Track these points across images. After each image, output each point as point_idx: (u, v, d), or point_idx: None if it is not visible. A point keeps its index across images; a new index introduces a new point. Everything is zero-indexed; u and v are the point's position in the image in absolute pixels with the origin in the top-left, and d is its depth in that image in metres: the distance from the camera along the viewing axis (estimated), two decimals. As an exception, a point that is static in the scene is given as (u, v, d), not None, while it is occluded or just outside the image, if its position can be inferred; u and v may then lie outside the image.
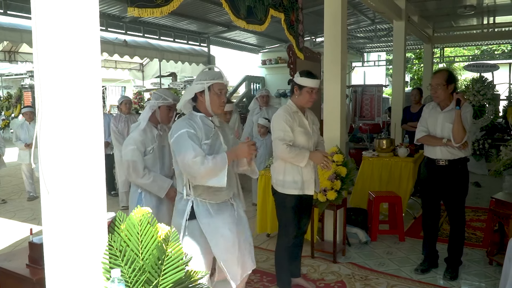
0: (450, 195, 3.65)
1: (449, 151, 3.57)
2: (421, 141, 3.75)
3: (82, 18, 1.37)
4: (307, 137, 3.16)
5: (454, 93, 3.51)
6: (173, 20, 8.91)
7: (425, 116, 3.74)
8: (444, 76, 3.55)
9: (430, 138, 3.66)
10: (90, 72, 1.40)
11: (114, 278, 1.43)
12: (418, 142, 3.82)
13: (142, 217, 1.62)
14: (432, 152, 3.69)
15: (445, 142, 3.53)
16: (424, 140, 3.71)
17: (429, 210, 3.83)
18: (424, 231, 3.95)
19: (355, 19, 9.87)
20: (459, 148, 3.51)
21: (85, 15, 1.38)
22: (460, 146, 3.48)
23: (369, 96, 11.71)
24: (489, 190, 6.15)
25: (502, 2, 8.27)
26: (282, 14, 3.85)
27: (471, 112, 3.57)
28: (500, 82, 11.17)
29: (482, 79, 8.79)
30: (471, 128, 3.54)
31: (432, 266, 3.88)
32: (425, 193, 3.85)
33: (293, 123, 3.11)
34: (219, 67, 2.53)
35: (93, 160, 1.43)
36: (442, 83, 3.53)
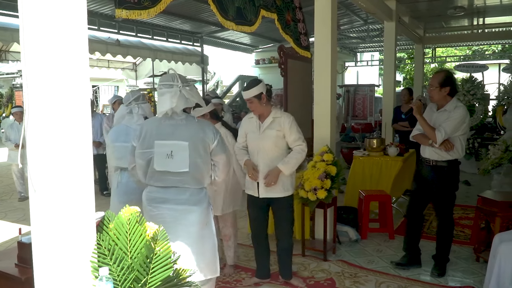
0: (436, 195, 3.71)
1: (435, 152, 3.62)
2: (414, 139, 3.83)
3: (69, 17, 1.40)
4: (256, 142, 3.40)
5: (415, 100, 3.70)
6: (166, 20, 8.90)
7: (425, 115, 3.80)
8: (438, 78, 3.61)
9: (420, 136, 3.72)
10: (78, 71, 1.43)
11: (102, 277, 1.46)
12: (411, 139, 3.90)
13: (131, 216, 1.65)
14: (422, 151, 3.77)
15: (430, 143, 3.59)
16: (416, 138, 3.78)
17: (412, 207, 3.89)
18: (406, 227, 4.01)
19: (348, 19, 9.92)
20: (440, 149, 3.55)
21: (73, 14, 1.41)
22: (441, 148, 3.52)
23: (361, 95, 11.81)
24: (479, 189, 6.22)
25: (491, 4, 8.36)
26: (275, 14, 3.88)
27: (460, 117, 3.53)
28: (489, 82, 11.28)
29: (472, 79, 8.89)
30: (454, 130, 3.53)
31: (413, 263, 3.91)
32: (413, 190, 3.92)
33: (247, 128, 3.46)
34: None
35: (81, 159, 1.45)
36: (435, 85, 3.60)
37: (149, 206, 2.61)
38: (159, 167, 2.55)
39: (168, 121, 2.60)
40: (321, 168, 4.06)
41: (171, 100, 2.53)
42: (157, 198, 2.59)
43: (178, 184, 2.58)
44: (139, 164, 2.66)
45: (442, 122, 3.55)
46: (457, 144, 3.58)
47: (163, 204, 2.58)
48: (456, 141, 3.57)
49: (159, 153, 2.54)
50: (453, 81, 3.65)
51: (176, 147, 2.54)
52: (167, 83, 2.58)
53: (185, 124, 2.60)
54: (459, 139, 3.58)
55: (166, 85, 2.58)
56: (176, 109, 2.58)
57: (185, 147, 2.54)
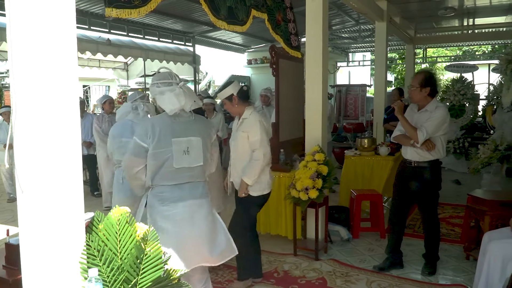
0: (420, 196, 3.72)
1: (417, 153, 3.63)
2: (396, 140, 3.84)
3: (57, 16, 1.38)
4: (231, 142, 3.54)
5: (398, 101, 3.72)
6: (158, 19, 8.87)
7: (406, 115, 3.82)
8: (419, 79, 3.64)
9: (402, 137, 3.74)
10: (66, 70, 1.42)
11: (91, 278, 1.45)
12: (393, 140, 3.92)
13: (121, 216, 1.64)
14: (404, 152, 3.78)
15: (412, 143, 3.60)
16: (398, 139, 3.80)
17: (395, 209, 3.90)
18: (390, 230, 4.02)
19: (340, 19, 9.96)
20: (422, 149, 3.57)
21: (61, 12, 1.39)
22: (423, 147, 3.54)
23: (353, 95, 11.86)
24: (469, 188, 6.27)
25: (481, 4, 8.44)
26: (265, 14, 3.88)
27: (441, 117, 3.56)
28: (479, 82, 11.39)
29: (462, 79, 8.96)
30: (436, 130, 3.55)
31: (395, 265, 3.90)
32: (394, 191, 3.93)
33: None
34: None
35: (69, 160, 1.44)
36: (416, 86, 3.63)
37: (163, 206, 2.55)
38: (178, 164, 2.55)
39: (179, 118, 2.61)
40: (312, 168, 4.07)
41: (178, 98, 2.54)
42: (173, 197, 2.57)
43: (191, 179, 2.63)
44: (151, 165, 2.54)
45: (423, 122, 3.57)
46: (438, 144, 3.60)
47: (180, 201, 2.57)
48: (437, 141, 3.59)
49: (177, 150, 2.55)
50: (433, 82, 3.67)
51: (191, 143, 2.60)
52: (165, 81, 2.59)
53: (194, 120, 2.67)
54: (440, 139, 3.60)
55: (164, 83, 2.58)
56: (185, 107, 2.59)
57: (198, 142, 2.63)
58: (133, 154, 2.56)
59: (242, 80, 13.78)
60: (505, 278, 2.90)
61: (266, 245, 4.54)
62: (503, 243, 2.97)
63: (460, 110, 8.73)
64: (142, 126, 2.61)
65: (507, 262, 2.89)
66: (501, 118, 6.33)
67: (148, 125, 2.57)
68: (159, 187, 2.58)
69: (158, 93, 2.59)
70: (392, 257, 3.91)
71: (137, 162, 2.56)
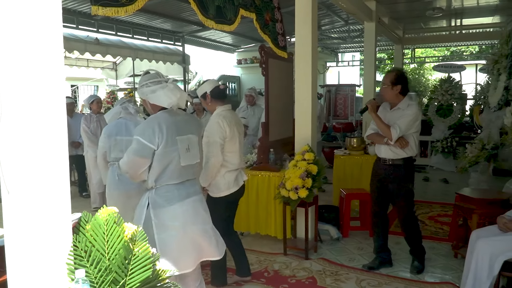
0: (395, 194, 3.73)
1: (392, 151, 3.66)
2: (369, 138, 3.88)
3: (43, 13, 1.36)
4: None
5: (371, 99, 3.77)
6: (147, 19, 8.82)
7: (378, 114, 3.85)
8: (390, 77, 3.68)
9: (375, 135, 3.77)
10: (52, 69, 1.40)
11: (78, 279, 1.43)
12: (366, 139, 3.96)
13: (108, 217, 1.63)
14: (378, 151, 3.80)
15: (385, 141, 3.63)
16: (371, 137, 3.83)
17: (375, 208, 3.92)
18: (373, 230, 4.04)
19: (329, 19, 9.99)
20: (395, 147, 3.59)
21: (47, 10, 1.37)
22: (396, 145, 3.57)
23: (342, 95, 11.90)
24: (457, 186, 6.33)
25: (469, 5, 8.52)
26: (254, 14, 3.88)
27: (413, 114, 3.59)
28: (467, 82, 11.51)
29: (450, 79, 9.05)
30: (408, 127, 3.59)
31: (384, 264, 3.91)
32: (372, 191, 3.95)
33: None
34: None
35: (56, 160, 1.42)
36: (387, 84, 3.66)
37: (172, 205, 2.54)
38: (184, 162, 2.56)
39: (177, 116, 2.63)
40: (302, 167, 4.08)
41: (173, 92, 2.55)
42: (180, 195, 2.57)
43: (191, 177, 2.68)
44: (157, 166, 2.50)
45: (396, 120, 3.60)
46: (411, 141, 3.63)
47: (186, 199, 2.60)
48: (410, 138, 3.62)
49: (181, 148, 2.56)
50: (404, 80, 3.70)
51: (191, 141, 2.64)
52: (155, 80, 2.60)
53: (188, 118, 2.74)
54: (413, 136, 3.63)
55: (154, 82, 2.59)
56: (181, 103, 2.61)
57: (195, 140, 2.69)
58: (138, 155, 2.49)
59: (232, 80, 13.77)
60: (493, 276, 2.94)
61: (256, 245, 4.54)
62: (490, 241, 3.00)
63: (448, 110, 8.81)
64: (147, 126, 2.52)
65: (495, 259, 2.92)
66: (488, 118, 6.40)
67: (155, 124, 2.50)
68: (164, 187, 2.55)
69: (149, 92, 2.58)
70: (381, 256, 3.93)
71: (143, 163, 2.50)
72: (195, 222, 2.62)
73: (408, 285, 3.56)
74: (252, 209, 4.62)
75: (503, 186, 4.58)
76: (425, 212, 5.70)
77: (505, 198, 3.89)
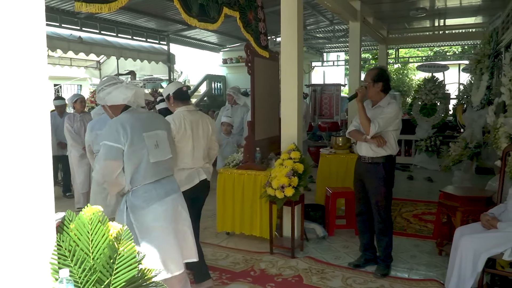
0: (372, 193, 3.73)
1: (371, 148, 3.67)
2: (350, 135, 3.90)
3: (25, 11, 1.34)
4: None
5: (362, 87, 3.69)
6: (131, 17, 8.74)
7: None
8: (371, 74, 3.71)
9: (356, 133, 3.79)
10: (35, 68, 1.37)
11: (62, 279, 1.40)
12: (347, 136, 3.99)
13: (93, 216, 1.60)
14: (358, 149, 3.83)
15: (364, 137, 3.64)
16: (352, 134, 3.85)
17: (358, 206, 3.94)
18: (358, 228, 4.06)
19: (314, 19, 10.04)
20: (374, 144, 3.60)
21: (29, 8, 1.35)
22: (374, 142, 3.58)
23: (328, 95, 11.97)
24: (441, 185, 6.41)
25: (452, 5, 8.65)
26: (237, 12, 3.87)
27: (393, 112, 3.62)
28: (450, 82, 11.67)
29: (434, 79, 9.17)
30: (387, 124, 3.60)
31: (370, 261, 3.91)
32: (354, 190, 3.97)
33: None
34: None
35: (39, 158, 1.40)
36: (369, 81, 3.69)
37: (152, 205, 2.51)
38: (154, 158, 2.56)
39: (140, 114, 2.64)
40: (288, 166, 4.08)
41: (128, 89, 2.59)
42: (159, 194, 2.56)
43: (167, 173, 2.69)
44: (129, 166, 2.48)
45: (376, 117, 3.62)
46: (390, 139, 3.65)
47: (166, 197, 2.59)
48: (389, 136, 3.64)
49: (149, 145, 2.56)
50: (385, 77, 3.72)
51: (158, 136, 2.64)
52: (110, 82, 2.66)
53: (153, 115, 2.80)
54: (392, 134, 3.65)
55: (109, 85, 2.64)
56: (139, 101, 2.65)
57: (164, 135, 2.69)
58: (108, 158, 2.46)
59: (218, 80, 13.73)
60: (477, 272, 2.98)
61: (242, 244, 4.54)
62: (474, 238, 3.04)
63: (432, 109, 8.93)
64: (110, 129, 2.51)
65: (478, 256, 2.96)
66: (471, 117, 6.50)
67: (118, 125, 2.50)
68: (142, 187, 2.53)
69: (105, 94, 2.63)
70: (366, 254, 3.95)
71: (115, 166, 2.47)
72: (176, 221, 2.62)
73: (393, 283, 3.59)
74: (238, 208, 4.61)
75: (485, 184, 4.66)
76: (409, 211, 5.76)
77: (488, 195, 3.95)
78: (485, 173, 6.83)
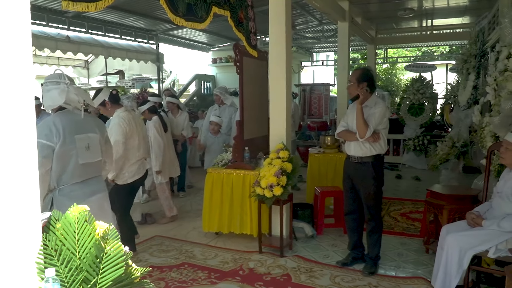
0: (362, 192, 3.76)
1: (360, 148, 3.69)
2: (340, 136, 3.91)
3: (10, 9, 1.33)
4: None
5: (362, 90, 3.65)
6: (119, 17, 8.68)
7: (347, 112, 3.90)
8: (355, 75, 3.73)
9: (346, 133, 3.80)
10: (20, 67, 1.36)
11: (48, 278, 1.40)
12: (337, 136, 4.00)
13: (79, 215, 1.60)
14: (347, 148, 3.84)
15: (357, 137, 3.66)
16: (342, 134, 3.86)
17: (347, 205, 3.97)
18: (346, 227, 4.09)
19: (304, 19, 10.06)
20: (369, 142, 3.62)
21: (14, 6, 1.34)
22: (370, 140, 3.60)
23: (317, 94, 11.99)
24: (428, 184, 6.47)
25: (439, 6, 8.73)
26: (228, 11, 3.87)
27: (381, 111, 3.65)
28: (438, 82, 11.79)
29: (421, 79, 9.26)
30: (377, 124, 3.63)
31: (357, 260, 3.94)
32: (343, 189, 3.99)
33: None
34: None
35: (24, 157, 1.39)
36: (353, 81, 3.71)
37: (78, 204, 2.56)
38: (82, 160, 2.66)
39: (75, 116, 2.74)
40: (277, 165, 4.10)
41: (60, 95, 2.62)
42: (84, 193, 2.67)
43: (95, 174, 2.81)
44: (57, 165, 2.58)
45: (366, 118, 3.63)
46: (381, 137, 3.67)
47: (91, 196, 2.69)
48: (379, 134, 3.67)
49: (80, 147, 2.67)
50: (370, 77, 3.74)
51: (90, 139, 2.76)
52: (54, 80, 2.69)
53: (89, 118, 2.87)
54: (382, 133, 3.68)
55: (52, 82, 2.67)
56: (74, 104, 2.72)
57: (96, 138, 2.83)
58: (42, 156, 2.53)
59: (207, 79, 13.70)
60: (463, 270, 3.03)
61: (231, 243, 4.54)
62: (460, 236, 3.08)
63: (420, 109, 9.02)
64: (44, 127, 2.60)
65: (464, 254, 3.00)
66: (458, 116, 6.58)
67: (50, 124, 2.60)
68: (69, 187, 2.63)
69: (45, 91, 2.69)
70: (354, 253, 3.98)
71: (46, 163, 2.58)
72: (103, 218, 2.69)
73: (380, 280, 3.62)
74: (227, 207, 4.61)
75: (472, 182, 4.72)
76: (397, 209, 5.81)
77: (474, 194, 4.00)
78: (472, 172, 6.92)
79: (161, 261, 4.09)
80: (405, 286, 3.51)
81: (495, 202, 3.19)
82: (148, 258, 4.16)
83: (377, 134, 3.63)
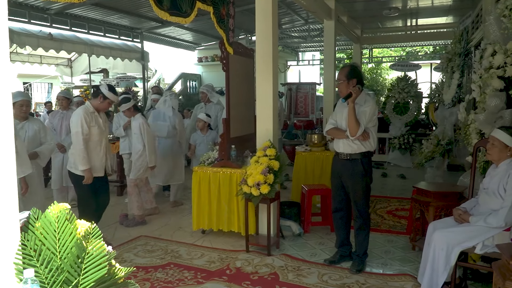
0: (351, 189, 3.75)
1: (350, 145, 3.68)
2: (329, 134, 3.89)
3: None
4: (100, 132, 4.34)
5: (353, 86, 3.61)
6: (103, 14, 8.54)
7: (336, 110, 3.88)
8: (344, 72, 3.71)
9: (335, 130, 3.78)
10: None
11: (27, 279, 1.34)
12: (326, 134, 3.98)
13: (60, 213, 1.54)
14: (336, 145, 3.82)
15: (347, 134, 3.64)
16: (331, 132, 3.84)
17: (335, 203, 3.95)
18: (334, 224, 4.07)
19: (290, 18, 10.05)
20: (359, 140, 3.61)
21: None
22: (359, 138, 3.59)
23: (303, 93, 12.01)
24: (414, 181, 6.49)
25: (423, 5, 8.81)
26: (211, 7, 3.82)
27: (371, 109, 3.63)
28: (422, 81, 11.90)
29: (406, 78, 9.33)
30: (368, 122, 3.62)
31: (345, 257, 3.93)
32: (332, 187, 3.97)
33: (90, 121, 4.23)
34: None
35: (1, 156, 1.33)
36: (343, 79, 3.69)
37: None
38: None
39: None
40: (264, 163, 4.06)
41: None
42: None
43: None
44: None
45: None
46: (370, 135, 3.66)
47: None
48: (369, 133, 3.66)
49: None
50: (358, 73, 3.73)
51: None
52: None
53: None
54: (371, 131, 3.67)
55: None
56: None
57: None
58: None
59: (193, 78, 13.61)
60: (450, 266, 3.03)
61: (218, 243, 4.49)
62: (446, 232, 3.08)
63: (405, 107, 9.08)
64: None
65: (451, 250, 3.01)
66: (443, 115, 6.63)
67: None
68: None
69: None
70: (341, 250, 3.97)
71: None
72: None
73: (367, 278, 3.61)
74: (214, 206, 4.56)
75: (457, 180, 4.74)
76: (383, 207, 5.83)
77: (460, 191, 4.03)
78: (456, 169, 6.99)
79: (146, 261, 4.02)
80: (393, 283, 3.51)
81: (481, 198, 3.20)
82: (133, 259, 4.09)
83: (367, 132, 3.61)
